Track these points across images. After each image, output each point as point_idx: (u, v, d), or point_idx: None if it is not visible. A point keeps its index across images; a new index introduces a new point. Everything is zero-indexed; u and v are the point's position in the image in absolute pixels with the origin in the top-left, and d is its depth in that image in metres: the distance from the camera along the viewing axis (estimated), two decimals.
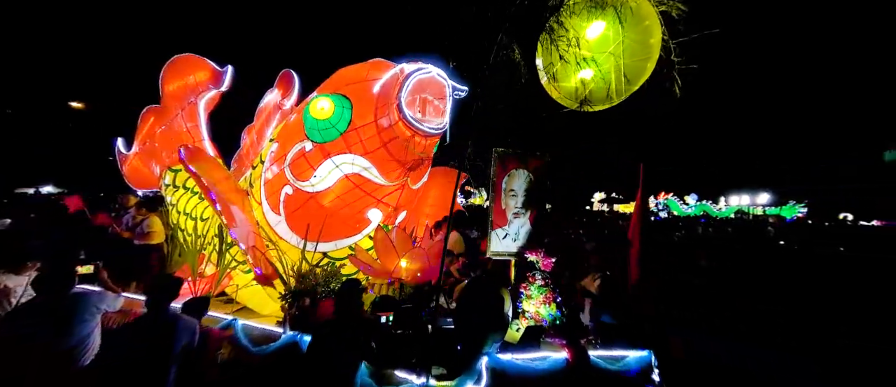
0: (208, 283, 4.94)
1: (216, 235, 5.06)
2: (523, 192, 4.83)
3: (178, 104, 6.28)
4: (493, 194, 4.73)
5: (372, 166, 3.82)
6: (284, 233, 4.20)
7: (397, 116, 3.58)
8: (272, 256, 4.15)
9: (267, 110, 5.35)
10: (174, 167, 6.14)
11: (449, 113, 3.76)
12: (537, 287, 4.24)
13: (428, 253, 3.79)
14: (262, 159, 4.44)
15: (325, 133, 3.88)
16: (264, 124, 5.31)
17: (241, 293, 4.93)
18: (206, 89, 5.98)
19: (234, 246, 4.67)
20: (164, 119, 6.51)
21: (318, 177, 3.92)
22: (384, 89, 3.73)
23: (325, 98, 3.91)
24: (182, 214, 5.84)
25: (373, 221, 4.13)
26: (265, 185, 4.25)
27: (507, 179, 4.84)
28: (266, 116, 5.31)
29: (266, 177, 4.26)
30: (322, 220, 4.01)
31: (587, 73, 3.63)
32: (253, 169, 4.59)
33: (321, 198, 4.00)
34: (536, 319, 4.15)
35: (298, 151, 4.00)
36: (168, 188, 6.20)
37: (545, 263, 4.36)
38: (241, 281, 4.87)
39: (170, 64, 6.23)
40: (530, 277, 4.33)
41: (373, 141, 3.78)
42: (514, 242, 4.86)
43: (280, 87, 5.26)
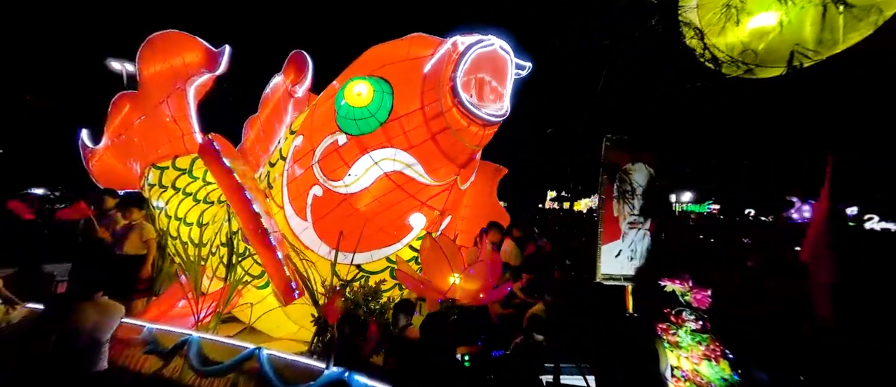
0: (214, 300, 4.62)
1: (222, 244, 4.73)
2: (642, 193, 4.20)
3: (160, 90, 5.86)
4: (602, 198, 4.26)
5: (417, 163, 3.55)
6: (311, 241, 3.91)
7: (451, 101, 3.31)
8: (300, 269, 3.86)
9: (274, 99, 5.00)
10: (161, 164, 5.76)
11: (509, 96, 3.48)
12: (689, 333, 3.40)
13: (489, 268, 3.47)
14: (283, 155, 4.12)
15: (363, 123, 3.59)
16: (272, 115, 4.97)
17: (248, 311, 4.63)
18: (197, 73, 5.59)
19: (248, 258, 4.36)
20: (143, 107, 6.09)
21: (354, 175, 3.64)
22: (434, 70, 3.43)
23: (363, 82, 3.61)
24: (174, 218, 5.48)
25: (414, 228, 3.86)
26: (288, 185, 3.95)
27: (620, 177, 4.24)
28: (274, 106, 4.97)
29: (289, 176, 3.94)
30: (357, 226, 3.72)
31: (768, 18, 2.81)
32: (271, 167, 4.26)
33: (356, 200, 3.72)
34: (697, 382, 3.29)
35: (330, 145, 3.71)
36: (153, 188, 5.82)
37: (699, 296, 3.49)
38: (252, 298, 4.57)
39: (148, 43, 5.79)
40: (674, 317, 3.49)
41: (418, 132, 3.50)
42: (631, 261, 4.21)
43: (289, 72, 4.93)
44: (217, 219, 5.15)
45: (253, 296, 4.59)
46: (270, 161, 4.38)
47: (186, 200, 5.58)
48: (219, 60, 5.35)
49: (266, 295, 4.54)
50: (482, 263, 3.42)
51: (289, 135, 4.25)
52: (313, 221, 3.87)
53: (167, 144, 5.76)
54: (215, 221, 5.20)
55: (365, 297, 3.64)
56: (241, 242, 4.49)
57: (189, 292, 4.71)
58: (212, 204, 5.40)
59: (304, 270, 3.91)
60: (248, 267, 4.43)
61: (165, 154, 5.80)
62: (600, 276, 4.18)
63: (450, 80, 3.31)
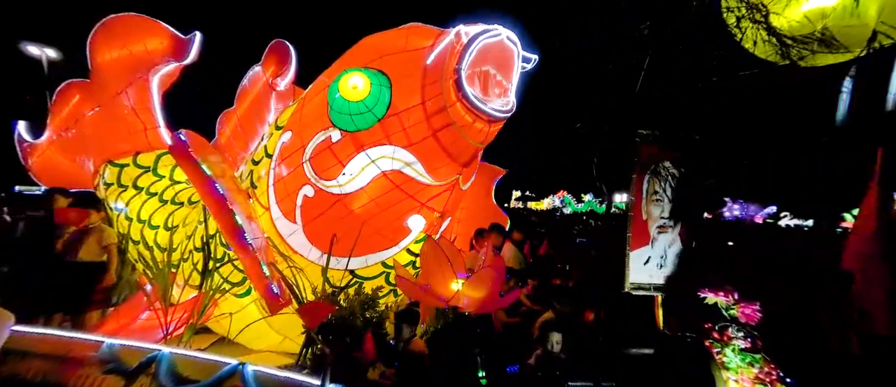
0: (186, 310, 4.33)
1: (197, 249, 4.45)
2: (672, 194, 4.00)
3: (118, 79, 5.44)
4: (631, 199, 4.09)
5: (417, 161, 3.44)
6: (300, 245, 3.73)
7: (455, 95, 3.21)
8: (287, 276, 3.66)
9: (253, 92, 4.75)
10: (120, 161, 5.36)
11: (515, 90, 3.41)
12: (738, 352, 3.13)
13: (494, 274, 3.36)
14: (268, 153, 3.89)
15: (359, 119, 3.43)
16: (251, 109, 4.71)
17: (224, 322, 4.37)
18: (162, 62, 5.21)
19: (227, 264, 4.10)
20: (97, 98, 5.64)
21: (349, 174, 3.48)
22: (436, 62, 3.31)
23: (359, 74, 3.45)
24: (136, 221, 5.12)
25: (413, 231, 3.73)
26: (275, 185, 3.75)
27: (649, 177, 4.01)
28: (253, 99, 4.71)
29: (276, 175, 3.73)
30: (352, 229, 3.56)
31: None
32: (255, 165, 4.02)
33: (351, 201, 3.57)
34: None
35: (322, 141, 3.53)
36: (110, 188, 5.41)
37: (747, 310, 3.21)
38: (230, 307, 4.31)
39: (103, 27, 5.36)
40: (717, 334, 3.23)
41: (419, 129, 3.39)
42: (660, 269, 3.99)
43: (269, 64, 4.68)
44: (190, 221, 4.84)
45: (231, 305, 4.33)
46: (253, 159, 4.14)
47: (151, 201, 5.22)
48: (187, 48, 5.00)
49: (247, 304, 4.30)
50: (489, 269, 3.31)
51: (274, 131, 4.03)
52: (303, 224, 3.68)
53: (127, 138, 5.36)
54: (187, 223, 4.90)
55: (361, 305, 3.49)
56: (219, 246, 4.22)
57: (156, 302, 4.39)
58: (181, 205, 5.08)
59: (292, 277, 3.70)
60: (228, 274, 4.17)
61: (125, 150, 5.40)
62: (629, 285, 4.01)
63: (454, 73, 3.20)
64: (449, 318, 3.62)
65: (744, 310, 3.24)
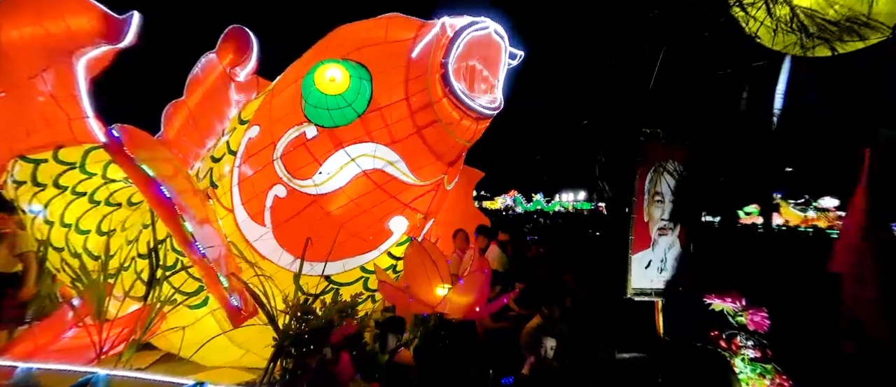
0: (127, 326, 3.93)
1: (140, 256, 4.05)
2: (672, 195, 3.93)
3: (30, 61, 4.77)
4: (632, 200, 4.03)
5: (400, 159, 3.34)
6: (269, 250, 3.51)
7: (441, 90, 3.14)
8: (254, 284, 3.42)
9: (207, 82, 4.38)
10: (34, 156, 4.73)
11: (501, 86, 3.40)
12: (748, 362, 2.99)
13: (483, 279, 3.32)
14: (231, 149, 3.60)
15: (338, 114, 3.27)
16: (207, 100, 4.36)
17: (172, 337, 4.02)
18: (90, 43, 4.65)
19: (181, 272, 3.76)
20: (2, 82, 4.93)
21: (326, 173, 3.32)
22: (421, 55, 3.22)
23: (336, 66, 3.28)
24: (59, 225, 4.57)
25: (395, 233, 3.62)
26: (240, 184, 3.49)
27: (651, 176, 3.94)
28: (208, 90, 4.33)
29: (241, 173, 3.47)
30: (329, 232, 3.40)
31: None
32: (215, 162, 3.71)
33: (328, 202, 3.40)
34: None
35: (296, 138, 3.34)
36: (22, 187, 4.77)
37: (756, 317, 3.08)
38: (182, 320, 3.96)
39: None
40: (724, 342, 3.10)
41: (403, 126, 3.29)
42: (661, 273, 3.94)
43: (225, 51, 4.35)
44: (130, 225, 4.39)
45: (183, 318, 3.98)
46: (213, 155, 3.81)
47: (78, 202, 4.67)
48: (123, 30, 4.48)
49: (202, 316, 3.97)
50: (477, 274, 3.27)
51: (238, 125, 3.74)
52: (273, 227, 3.46)
53: (44, 130, 4.74)
54: (127, 227, 4.44)
55: (339, 313, 3.33)
56: (170, 252, 3.86)
57: (86, 317, 3.95)
58: (118, 206, 4.58)
59: (260, 285, 3.46)
60: (181, 283, 3.82)
61: (41, 143, 4.76)
62: (631, 290, 3.94)
63: (440, 67, 3.13)
64: (430, 325, 3.57)
65: (752, 317, 3.13)
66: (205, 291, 3.81)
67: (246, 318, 3.34)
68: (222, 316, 3.70)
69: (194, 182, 3.75)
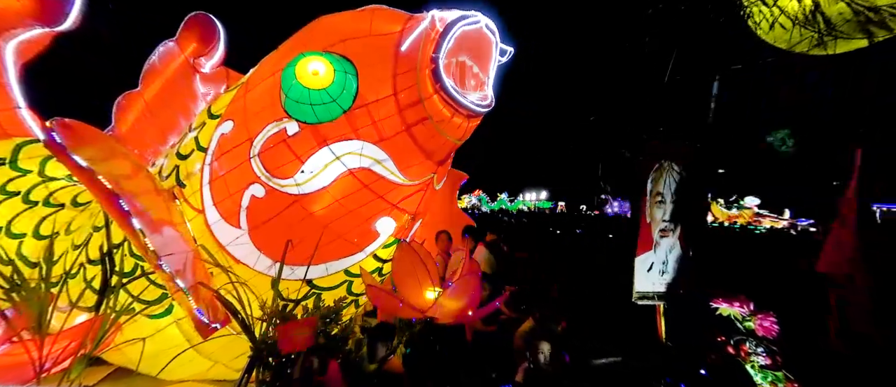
0: (74, 339, 3.60)
1: (91, 261, 3.73)
2: (673, 196, 3.89)
3: None
4: (636, 201, 4.05)
5: (388, 158, 3.24)
6: (245, 254, 3.31)
7: (431, 87, 3.08)
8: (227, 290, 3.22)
9: (167, 73, 4.08)
10: None
11: (492, 83, 3.37)
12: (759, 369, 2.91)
13: (476, 282, 3.25)
14: (201, 145, 3.37)
15: (321, 110, 3.13)
16: (167, 93, 4.06)
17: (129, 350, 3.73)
18: (21, 25, 4.22)
19: (141, 278, 3.48)
20: None
21: (309, 172, 3.17)
22: (410, 50, 3.14)
23: (319, 59, 3.13)
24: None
25: (381, 235, 3.51)
26: (212, 183, 3.26)
27: (653, 176, 3.90)
28: (168, 82, 4.04)
29: (213, 171, 3.25)
30: (311, 233, 3.25)
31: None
32: (182, 159, 3.45)
33: (310, 202, 3.25)
34: None
35: (275, 134, 3.16)
36: None
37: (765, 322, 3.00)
38: (141, 331, 3.68)
39: None
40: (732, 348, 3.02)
41: (391, 123, 3.19)
42: (662, 275, 3.89)
43: (188, 40, 4.08)
44: (77, 227, 4.04)
45: (142, 328, 3.69)
46: (180, 152, 3.54)
47: (9, 203, 4.26)
48: (62, 12, 4.09)
49: (165, 326, 3.70)
50: (470, 276, 3.20)
51: (208, 120, 3.49)
52: (249, 229, 3.26)
53: None
54: (72, 230, 4.07)
55: (322, 320, 3.20)
56: (128, 257, 3.57)
57: (22, 330, 3.59)
58: (60, 207, 4.19)
59: (234, 292, 3.26)
60: (140, 291, 3.54)
61: None
62: (635, 294, 3.89)
63: (431, 62, 3.06)
64: (416, 330, 3.49)
65: (762, 322, 3.04)
66: (169, 298, 3.56)
67: (216, 328, 3.14)
68: (188, 325, 3.47)
69: (157, 181, 3.48)
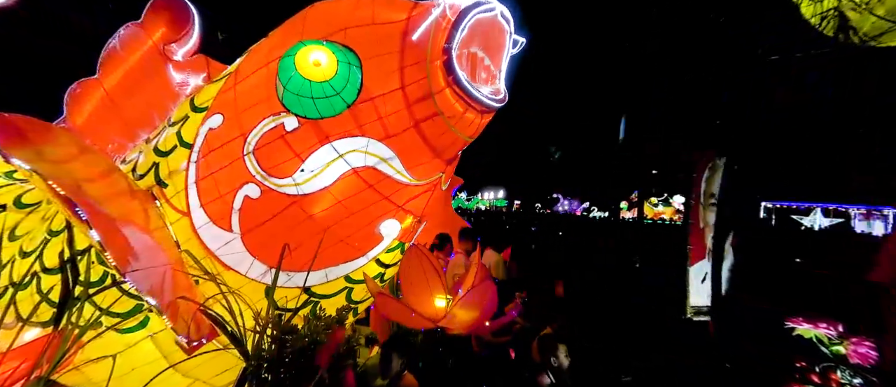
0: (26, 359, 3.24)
1: (46, 271, 3.37)
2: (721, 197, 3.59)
3: None
4: (689, 203, 3.68)
5: (395, 156, 3.07)
6: (236, 260, 3.07)
7: (444, 80, 2.93)
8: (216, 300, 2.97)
9: (130, 59, 3.73)
10: None
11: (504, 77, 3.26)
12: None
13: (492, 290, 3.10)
14: (184, 140, 3.09)
15: (324, 104, 2.93)
16: (132, 81, 3.72)
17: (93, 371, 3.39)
18: None
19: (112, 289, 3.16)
20: None
21: (309, 171, 2.97)
22: (420, 40, 2.98)
23: (321, 48, 2.92)
24: None
25: (385, 238, 3.34)
26: (199, 182, 3.00)
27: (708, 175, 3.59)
28: (133, 70, 3.70)
29: (201, 169, 2.99)
30: (311, 237, 3.06)
31: None
32: (162, 156, 3.16)
33: (310, 204, 3.04)
34: None
35: (272, 129, 2.94)
36: None
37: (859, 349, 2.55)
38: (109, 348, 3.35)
39: None
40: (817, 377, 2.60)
41: (399, 118, 3.02)
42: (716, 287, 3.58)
43: (155, 24, 3.76)
44: (26, 232, 3.64)
45: (109, 345, 3.35)
46: (159, 148, 3.24)
47: None
48: None
49: (137, 341, 3.38)
50: (487, 284, 3.05)
51: (192, 113, 3.21)
52: (242, 232, 3.02)
53: None
54: (18, 235, 3.67)
55: (326, 331, 3.01)
56: (95, 265, 3.23)
57: None
58: (1, 209, 3.76)
59: (223, 302, 3.01)
60: (109, 303, 3.21)
61: None
62: (690, 310, 3.59)
63: (443, 53, 2.89)
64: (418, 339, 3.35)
65: (856, 348, 2.60)
66: (144, 311, 3.25)
67: (201, 344, 2.89)
68: (167, 339, 3.18)
69: (130, 182, 3.16)
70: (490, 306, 3.08)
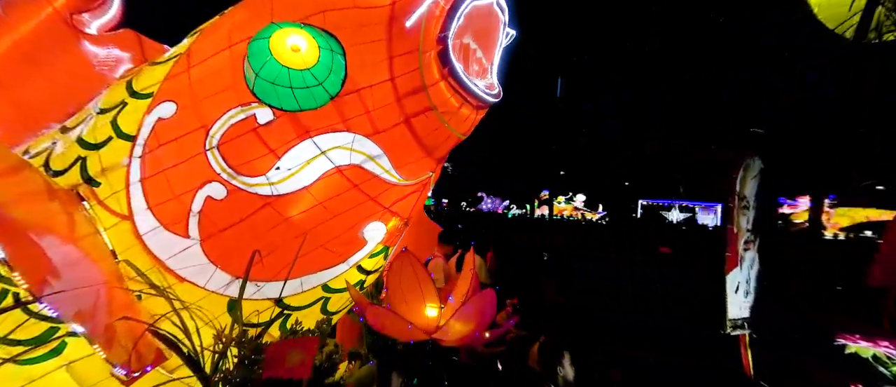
0: None
1: None
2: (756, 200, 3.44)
3: None
4: (728, 207, 3.44)
5: (383, 154, 2.82)
6: (192, 269, 2.67)
7: (438, 72, 2.73)
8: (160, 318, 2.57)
9: (21, 27, 3.06)
10: None
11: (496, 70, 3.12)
12: None
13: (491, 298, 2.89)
14: (123, 131, 2.62)
15: (304, 95, 2.61)
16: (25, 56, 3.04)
17: None
18: None
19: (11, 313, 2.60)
20: None
21: (286, 169, 2.64)
22: (413, 27, 2.75)
23: (299, 32, 2.59)
24: None
25: (369, 243, 3.06)
26: (146, 181, 2.54)
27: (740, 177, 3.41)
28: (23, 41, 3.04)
29: (150, 165, 2.54)
30: (285, 243, 2.73)
31: None
32: (92, 149, 2.64)
33: (286, 206, 2.71)
34: None
35: (241, 122, 2.57)
36: None
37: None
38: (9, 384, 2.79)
39: None
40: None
41: (387, 113, 2.77)
42: (747, 297, 3.38)
43: None
44: None
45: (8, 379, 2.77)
46: (85, 139, 2.69)
47: None
48: None
49: (51, 370, 2.82)
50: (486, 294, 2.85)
51: (131, 99, 2.70)
52: (203, 238, 2.60)
53: None
54: None
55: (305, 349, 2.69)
56: None
57: None
58: None
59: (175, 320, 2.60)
60: (11, 328, 2.63)
61: None
62: (729, 324, 3.33)
63: (438, 42, 2.69)
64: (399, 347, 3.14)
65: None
66: (60, 335, 2.70)
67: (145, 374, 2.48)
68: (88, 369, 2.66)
69: (48, 181, 2.59)
70: (487, 316, 2.94)
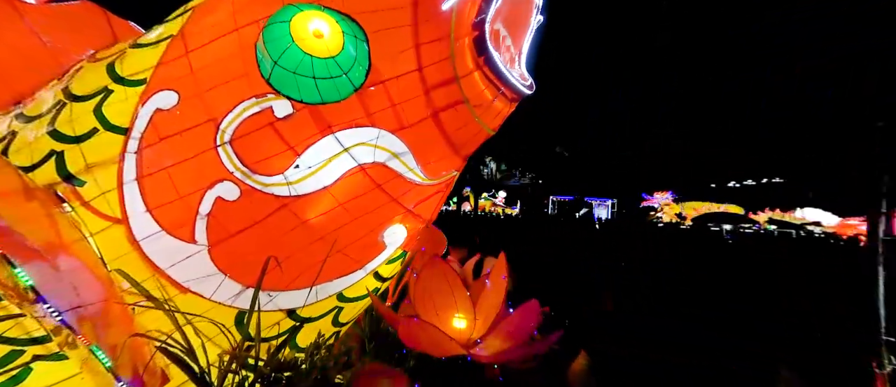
0: None
1: None
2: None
3: None
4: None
5: (408, 151, 2.60)
6: (196, 278, 2.41)
7: (473, 61, 2.50)
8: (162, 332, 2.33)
9: None
10: None
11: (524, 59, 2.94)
12: None
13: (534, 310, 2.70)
14: (112, 124, 2.32)
15: (328, 86, 2.36)
16: None
17: None
18: None
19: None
20: None
21: (306, 167, 2.40)
22: (445, 12, 2.53)
23: (322, 15, 2.33)
24: None
25: (388, 248, 2.85)
26: (143, 180, 2.26)
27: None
28: None
29: (149, 162, 2.26)
30: (302, 248, 2.52)
31: None
32: (73, 143, 2.32)
33: (304, 207, 2.48)
34: None
35: (256, 115, 2.31)
36: None
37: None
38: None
39: None
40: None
41: (414, 106, 2.55)
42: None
43: None
44: None
45: None
46: (59, 131, 2.35)
47: None
48: None
49: None
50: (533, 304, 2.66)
51: (117, 85, 2.38)
52: (211, 244, 2.34)
53: None
54: None
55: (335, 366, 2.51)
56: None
57: None
58: None
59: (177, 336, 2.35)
60: None
61: None
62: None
63: (474, 28, 2.45)
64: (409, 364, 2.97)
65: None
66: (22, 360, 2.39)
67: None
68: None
69: (25, 180, 2.26)
70: (530, 332, 2.78)
